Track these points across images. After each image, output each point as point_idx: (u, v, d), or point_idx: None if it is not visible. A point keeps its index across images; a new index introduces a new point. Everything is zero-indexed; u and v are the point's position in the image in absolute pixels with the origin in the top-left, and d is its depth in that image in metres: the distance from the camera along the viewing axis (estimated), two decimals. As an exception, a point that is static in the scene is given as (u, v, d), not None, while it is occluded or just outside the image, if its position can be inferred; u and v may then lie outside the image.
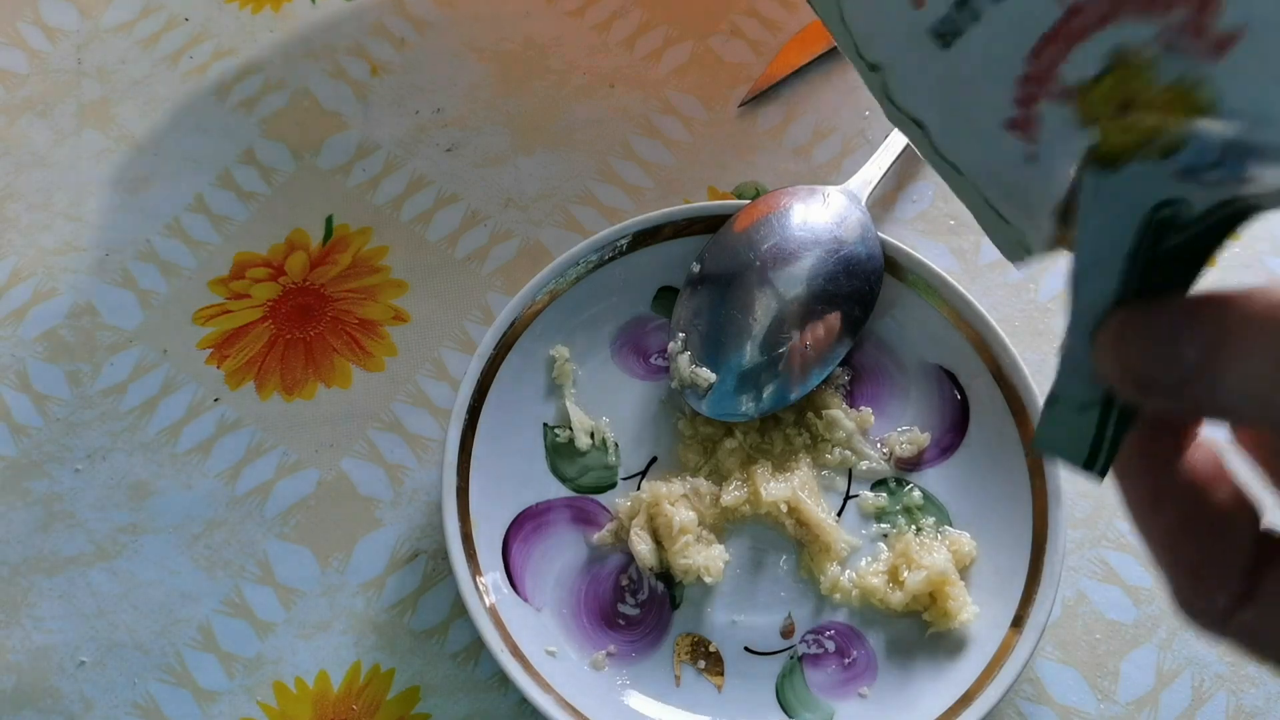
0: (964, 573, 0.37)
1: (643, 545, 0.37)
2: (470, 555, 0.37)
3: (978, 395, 0.39)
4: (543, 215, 0.45)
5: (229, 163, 0.46)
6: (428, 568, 0.39)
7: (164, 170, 0.46)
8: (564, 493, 0.40)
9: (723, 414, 0.39)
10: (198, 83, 0.48)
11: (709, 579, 0.37)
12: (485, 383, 0.39)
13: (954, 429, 0.40)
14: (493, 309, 0.43)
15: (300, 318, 0.43)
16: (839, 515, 0.39)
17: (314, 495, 0.40)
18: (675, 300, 0.41)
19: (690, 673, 0.37)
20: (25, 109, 0.48)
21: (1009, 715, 0.37)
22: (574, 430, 0.40)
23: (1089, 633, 0.38)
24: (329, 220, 0.45)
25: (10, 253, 0.45)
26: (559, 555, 0.39)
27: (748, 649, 0.37)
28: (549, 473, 0.40)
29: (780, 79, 0.48)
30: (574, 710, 0.35)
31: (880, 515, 0.39)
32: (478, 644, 0.38)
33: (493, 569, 0.37)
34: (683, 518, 0.37)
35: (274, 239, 0.45)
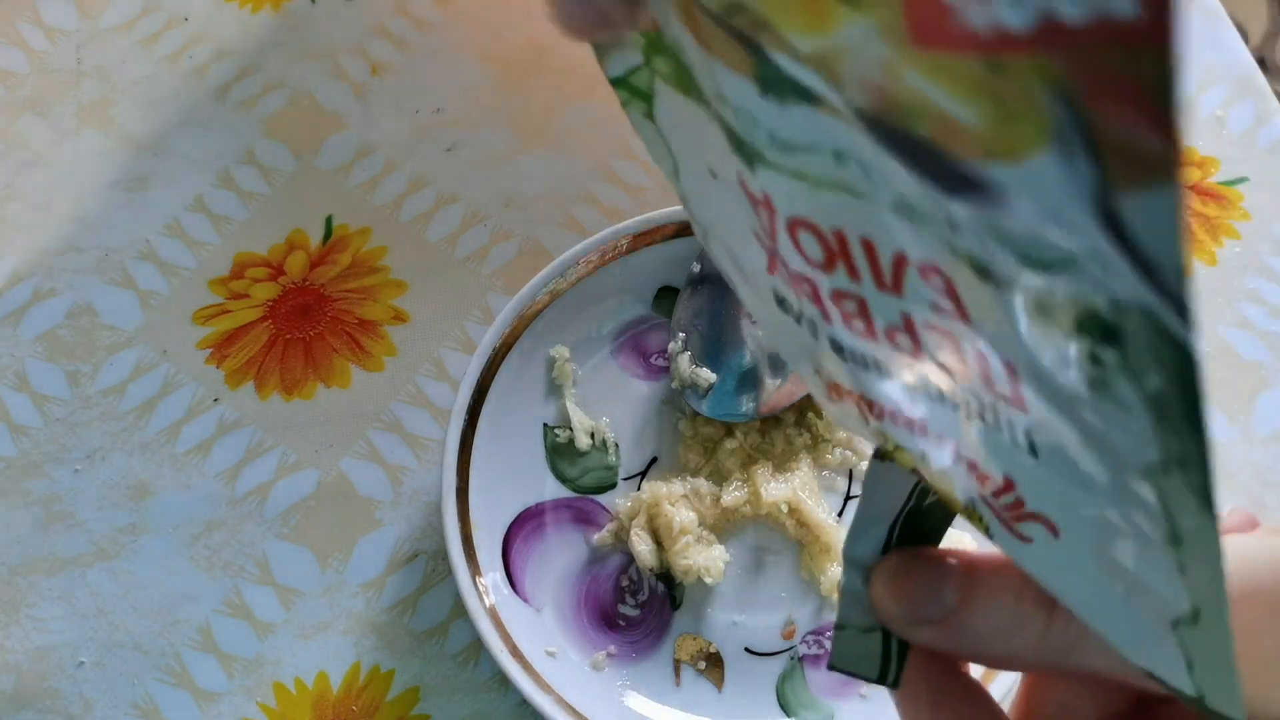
0: (965, 573, 0.37)
1: (643, 546, 0.37)
2: (470, 556, 0.37)
3: (978, 395, 0.39)
4: (543, 215, 0.45)
5: (229, 163, 0.46)
6: (427, 568, 0.39)
7: (164, 170, 0.46)
8: (564, 493, 0.39)
9: (723, 414, 0.39)
10: (198, 83, 0.48)
11: (709, 579, 0.37)
12: (485, 383, 0.39)
13: (954, 429, 0.40)
14: (493, 309, 0.43)
15: (300, 318, 0.43)
16: (839, 516, 0.39)
17: (314, 495, 0.40)
18: (675, 300, 0.41)
19: (690, 673, 0.37)
20: (25, 109, 0.48)
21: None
22: (574, 430, 0.40)
23: (1090, 633, 0.38)
24: (329, 220, 0.45)
25: (10, 253, 0.45)
26: (559, 556, 0.38)
27: (748, 649, 0.37)
28: (549, 473, 0.40)
29: (780, 79, 0.48)
30: (574, 711, 0.35)
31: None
32: (478, 644, 0.38)
33: (493, 569, 0.37)
34: (683, 518, 0.37)
35: (274, 239, 0.45)
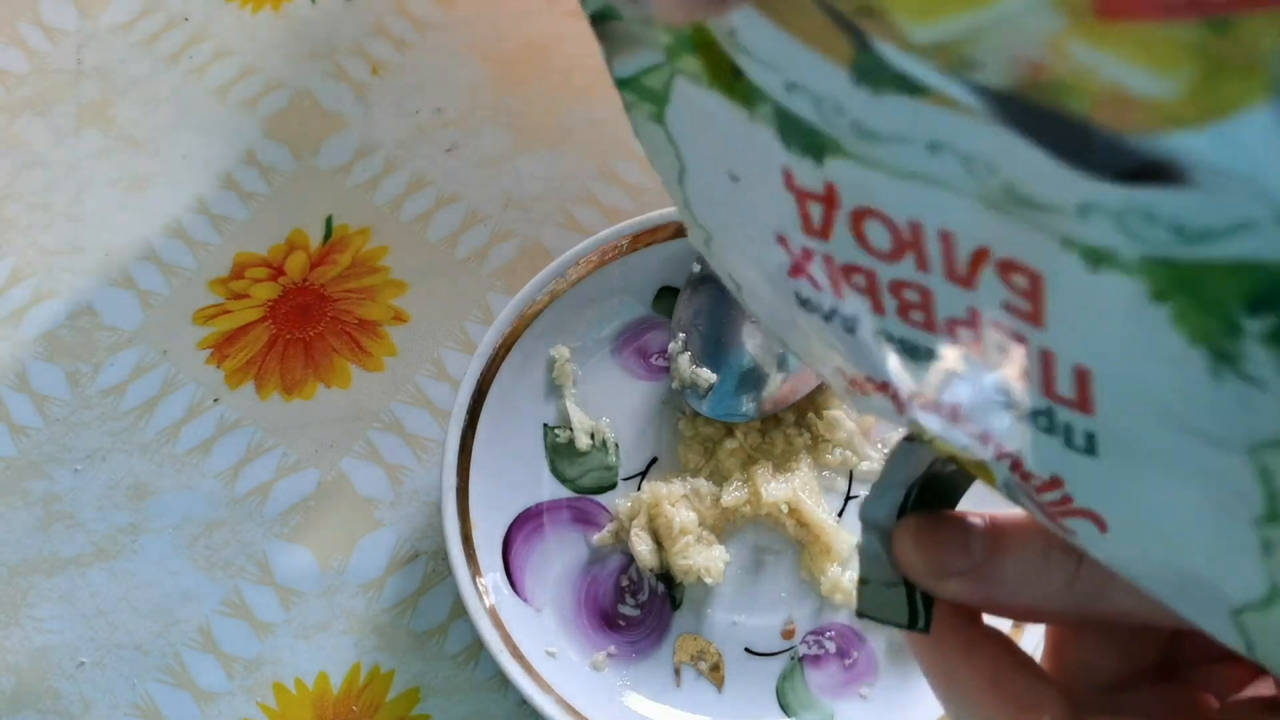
0: (965, 573, 0.37)
1: (643, 546, 0.37)
2: (470, 556, 0.37)
3: (978, 395, 0.39)
4: (543, 215, 0.45)
5: (229, 163, 0.46)
6: (427, 568, 0.39)
7: (164, 170, 0.46)
8: (564, 493, 0.39)
9: (723, 414, 0.39)
10: (198, 83, 0.48)
11: (709, 580, 0.37)
12: (485, 383, 0.39)
13: (955, 429, 0.40)
14: (493, 309, 0.43)
15: (300, 318, 0.43)
16: (840, 516, 0.39)
17: (314, 495, 0.40)
18: (675, 300, 0.41)
19: (690, 673, 0.37)
20: (25, 109, 0.48)
21: (1010, 716, 0.37)
22: (574, 430, 0.40)
23: (1090, 633, 0.38)
24: (329, 220, 0.45)
25: (10, 253, 0.45)
26: (559, 556, 0.38)
27: (748, 650, 0.37)
28: (549, 473, 0.40)
29: (781, 79, 0.48)
30: (574, 711, 0.35)
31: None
32: (478, 645, 0.38)
33: (493, 569, 0.37)
34: (683, 518, 0.37)
35: (274, 239, 0.45)
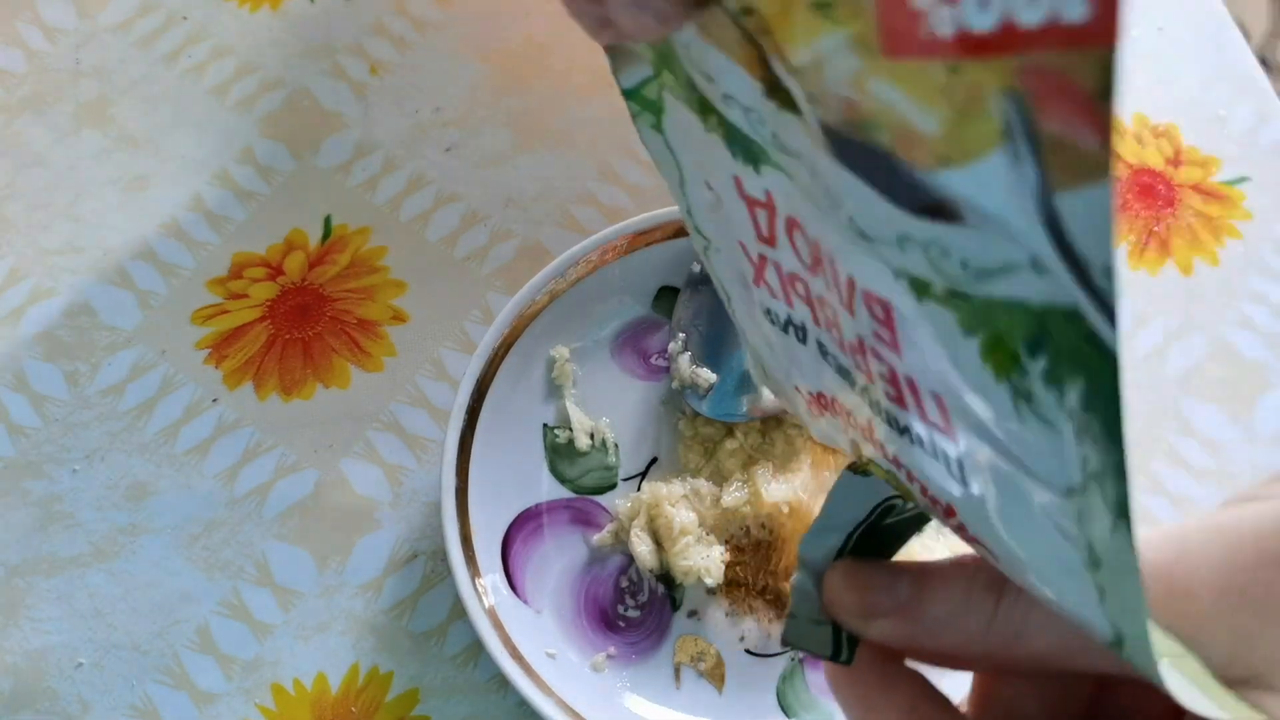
0: (966, 574, 0.37)
1: (643, 547, 0.37)
2: (469, 557, 0.36)
3: (979, 396, 0.39)
4: (543, 215, 0.45)
5: (227, 162, 0.46)
6: (427, 569, 0.39)
7: (162, 170, 0.46)
8: (564, 494, 0.39)
9: (723, 414, 0.39)
10: (196, 82, 0.48)
11: (709, 580, 0.37)
12: (485, 383, 0.39)
13: (955, 430, 0.40)
14: (493, 309, 0.43)
15: (299, 318, 0.43)
16: (840, 516, 0.39)
17: (313, 496, 0.40)
18: (675, 300, 0.41)
19: (690, 674, 0.37)
20: (23, 108, 0.48)
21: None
22: (574, 431, 0.40)
23: (1091, 634, 0.38)
24: (328, 220, 0.45)
25: (8, 253, 0.45)
26: (559, 557, 0.38)
27: (749, 651, 0.37)
28: (549, 473, 0.40)
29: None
30: (574, 713, 0.34)
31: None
32: (477, 646, 0.38)
33: (492, 570, 0.37)
34: (683, 519, 0.37)
35: (272, 239, 0.45)
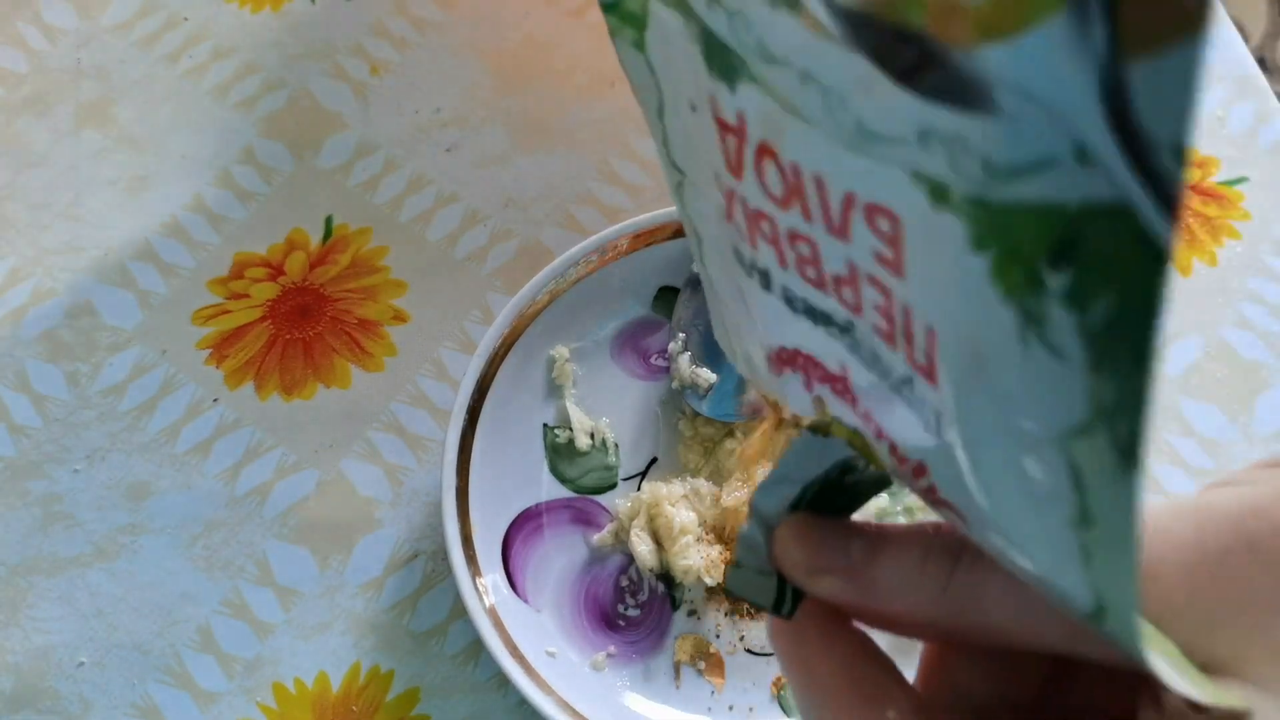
0: (965, 573, 0.37)
1: (643, 546, 0.37)
2: (470, 556, 0.37)
3: (979, 396, 0.39)
4: (543, 215, 0.45)
5: (228, 162, 0.46)
6: (427, 568, 0.39)
7: (163, 170, 0.46)
8: (564, 493, 0.39)
9: (723, 414, 0.39)
10: (197, 82, 0.48)
11: (709, 580, 0.37)
12: (485, 383, 0.39)
13: (955, 429, 0.40)
14: (493, 309, 0.43)
15: (299, 318, 0.43)
16: (839, 516, 0.39)
17: (313, 496, 0.40)
18: (675, 300, 0.41)
19: (690, 673, 0.37)
20: (24, 109, 0.48)
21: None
22: (574, 430, 0.40)
23: (1090, 634, 0.38)
24: (328, 220, 0.45)
25: (9, 253, 0.45)
26: (559, 556, 0.38)
27: (748, 650, 0.37)
28: (549, 473, 0.40)
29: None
30: (574, 711, 0.35)
31: (881, 516, 0.39)
32: (477, 645, 0.38)
33: (493, 570, 0.37)
34: (683, 519, 0.37)
35: (273, 239, 0.45)
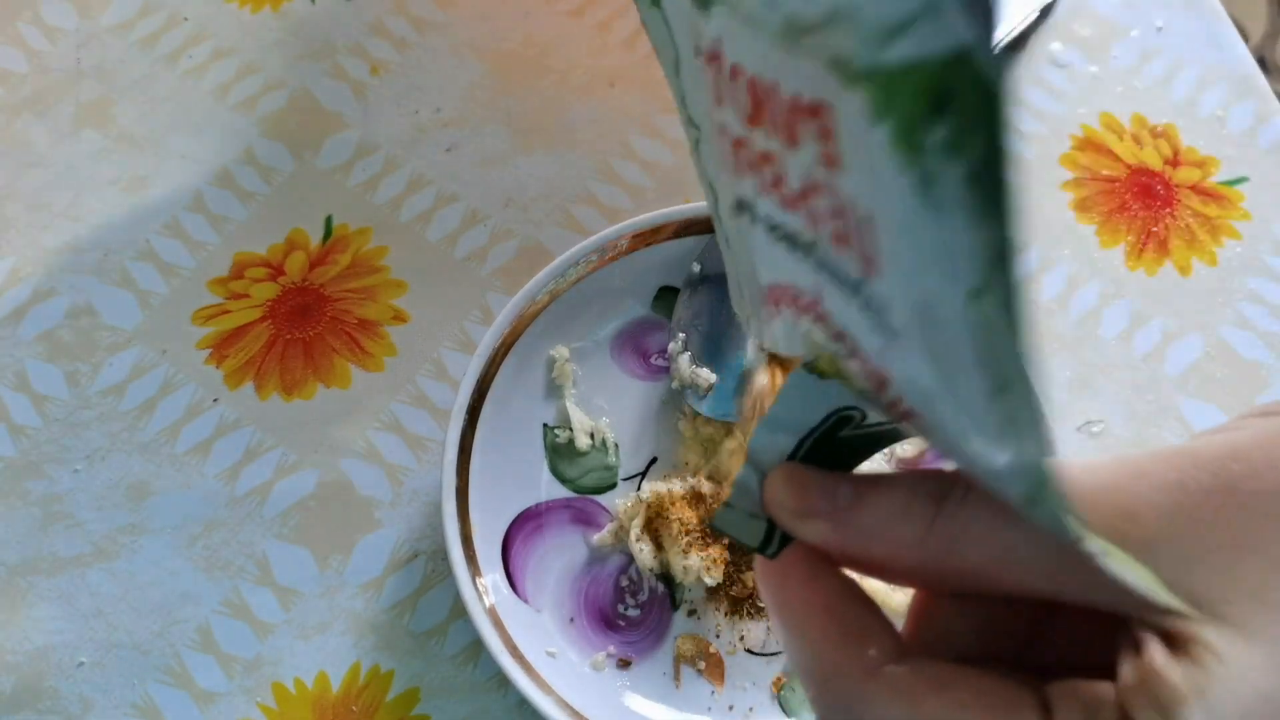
0: (965, 573, 0.37)
1: (643, 546, 0.37)
2: (470, 556, 0.37)
3: (979, 396, 0.39)
4: (543, 215, 0.45)
5: (228, 162, 0.46)
6: (427, 568, 0.39)
7: (163, 170, 0.46)
8: (564, 493, 0.39)
9: (723, 414, 0.39)
10: (197, 82, 0.48)
11: (709, 580, 0.37)
12: (485, 383, 0.39)
13: (955, 429, 0.40)
14: (493, 309, 0.43)
15: (299, 318, 0.43)
16: (840, 516, 0.39)
17: (313, 496, 0.40)
18: (675, 300, 0.41)
19: (690, 673, 0.37)
20: (24, 109, 0.48)
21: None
22: (574, 430, 0.40)
23: (1090, 634, 0.38)
24: (328, 220, 0.45)
25: (9, 253, 0.45)
26: (559, 556, 0.38)
27: (749, 650, 0.37)
28: (549, 473, 0.40)
29: (780, 79, 0.48)
30: (574, 711, 0.35)
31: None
32: (477, 645, 0.38)
33: (493, 570, 0.37)
34: (683, 519, 0.37)
35: (273, 239, 0.45)
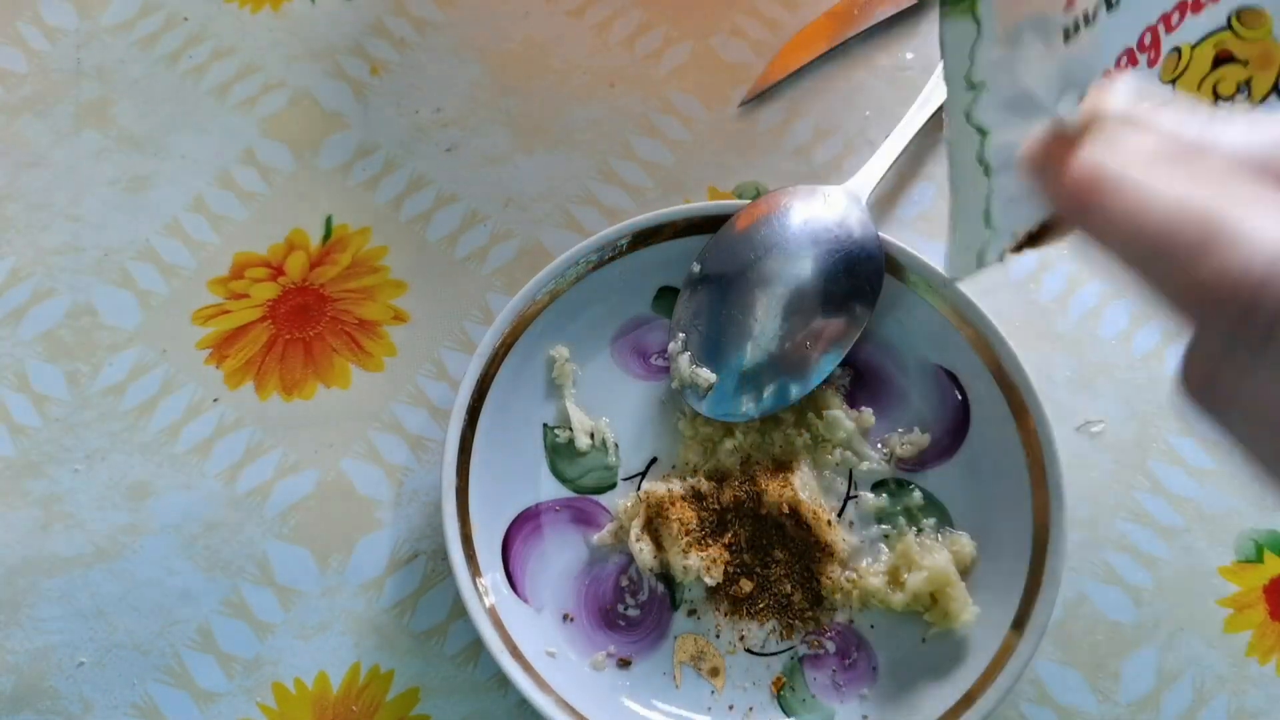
0: (965, 573, 0.37)
1: (643, 546, 0.37)
2: (470, 556, 0.37)
3: (978, 396, 0.39)
4: (543, 215, 0.45)
5: (228, 163, 0.46)
6: (427, 568, 0.39)
7: (163, 170, 0.46)
8: (564, 493, 0.39)
9: (723, 414, 0.39)
10: (197, 82, 0.48)
11: (709, 580, 0.37)
12: (485, 383, 0.39)
13: (955, 430, 0.40)
14: (493, 309, 0.43)
15: (299, 318, 0.43)
16: (839, 516, 0.39)
17: (313, 496, 0.40)
18: (675, 300, 0.41)
19: (690, 673, 0.37)
20: (24, 109, 0.48)
21: (1010, 716, 0.37)
22: (574, 430, 0.40)
23: (1090, 634, 0.38)
24: (328, 220, 0.45)
25: (9, 253, 0.45)
26: (559, 556, 0.38)
27: (748, 650, 0.37)
28: (549, 473, 0.40)
29: (781, 79, 0.48)
30: (574, 711, 0.35)
31: (881, 516, 0.39)
32: (477, 645, 0.38)
33: (492, 569, 0.37)
34: (683, 519, 0.37)
35: (273, 239, 0.45)
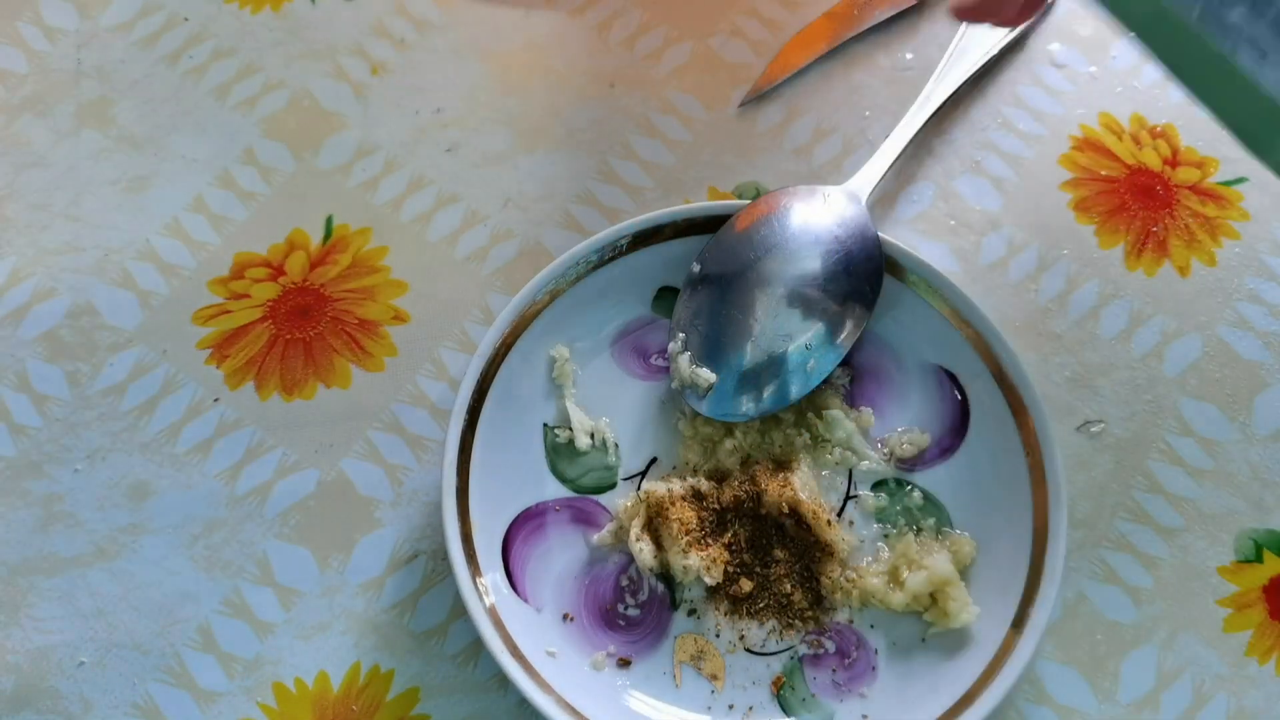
0: (964, 573, 0.37)
1: (643, 546, 0.37)
2: (470, 556, 0.37)
3: (978, 395, 0.39)
4: (543, 215, 0.45)
5: (229, 163, 0.46)
6: (427, 568, 0.39)
7: (163, 170, 0.46)
8: (564, 493, 0.40)
9: (723, 414, 0.39)
10: (197, 83, 0.48)
11: (709, 580, 0.37)
12: (485, 383, 0.39)
13: (954, 429, 0.40)
14: (493, 309, 0.43)
15: (300, 318, 0.43)
16: (839, 516, 0.39)
17: (314, 495, 0.40)
18: (675, 300, 0.41)
19: (690, 673, 0.37)
20: (24, 109, 0.48)
21: (1009, 715, 0.37)
22: (574, 430, 0.40)
23: (1089, 633, 0.38)
24: (329, 220, 0.45)
25: (10, 253, 0.45)
26: (559, 556, 0.38)
27: (748, 650, 0.37)
28: (549, 473, 0.40)
29: (781, 79, 0.48)
30: (574, 711, 0.35)
31: (880, 516, 0.39)
32: (477, 644, 0.38)
33: (493, 569, 0.37)
34: (683, 519, 0.37)
35: (274, 239, 0.45)
